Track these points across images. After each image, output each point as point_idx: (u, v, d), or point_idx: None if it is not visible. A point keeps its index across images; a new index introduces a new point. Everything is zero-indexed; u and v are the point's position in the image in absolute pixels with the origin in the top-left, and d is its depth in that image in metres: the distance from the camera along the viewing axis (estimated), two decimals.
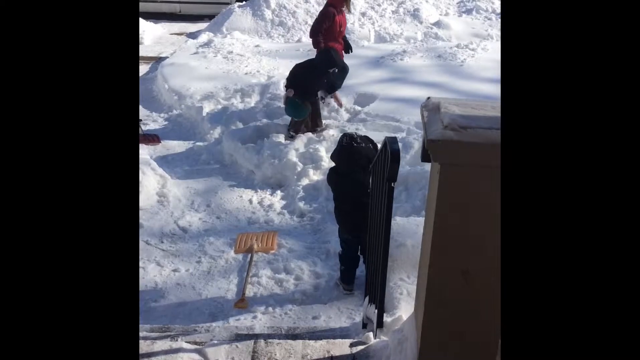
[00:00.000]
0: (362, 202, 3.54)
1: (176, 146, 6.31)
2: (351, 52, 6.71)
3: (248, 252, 4.30)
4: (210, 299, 3.85)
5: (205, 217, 4.91)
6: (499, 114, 1.92)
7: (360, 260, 3.88)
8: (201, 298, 3.86)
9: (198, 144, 6.29)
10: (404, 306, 2.88)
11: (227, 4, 11.44)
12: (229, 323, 3.60)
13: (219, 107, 6.88)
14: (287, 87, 5.84)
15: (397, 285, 3.03)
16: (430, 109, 2.00)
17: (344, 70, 5.82)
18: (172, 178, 5.48)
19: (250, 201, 5.17)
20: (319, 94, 5.95)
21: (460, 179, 1.85)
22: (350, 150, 3.64)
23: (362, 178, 3.63)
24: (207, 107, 6.85)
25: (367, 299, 3.03)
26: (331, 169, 3.87)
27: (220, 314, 3.70)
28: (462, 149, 1.78)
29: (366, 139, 3.76)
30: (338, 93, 6.27)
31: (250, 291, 3.91)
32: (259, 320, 3.62)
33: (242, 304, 3.77)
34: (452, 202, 1.87)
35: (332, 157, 3.84)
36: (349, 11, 6.55)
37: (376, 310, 2.65)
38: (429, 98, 2.07)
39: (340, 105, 6.53)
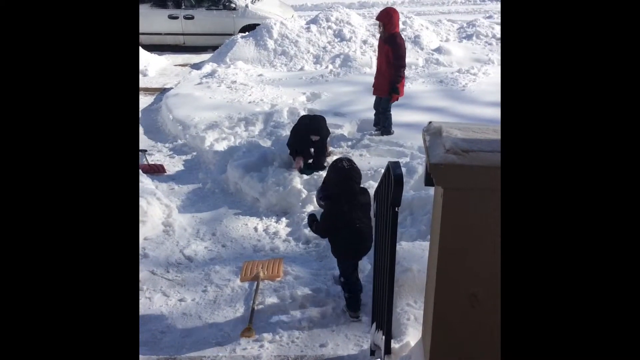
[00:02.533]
0: (357, 227, 3.63)
1: (181, 176, 6.35)
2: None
3: (254, 280, 4.29)
4: (217, 328, 3.83)
5: (210, 245, 4.91)
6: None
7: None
8: (208, 327, 3.83)
9: (203, 173, 6.32)
10: (412, 332, 2.85)
11: (231, 34, 11.63)
12: (235, 352, 3.57)
13: (223, 136, 6.94)
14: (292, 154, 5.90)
15: (404, 311, 3.01)
16: (432, 133, 2.01)
17: None
18: (178, 207, 5.49)
19: (256, 229, 5.17)
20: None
21: (463, 202, 1.85)
22: (348, 173, 3.67)
23: (356, 203, 3.69)
24: (212, 137, 6.90)
25: (374, 325, 3.00)
26: (324, 197, 3.84)
27: (227, 343, 3.67)
28: (465, 172, 1.79)
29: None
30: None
31: (256, 320, 3.88)
32: (265, 349, 3.59)
33: (249, 332, 3.74)
34: (456, 226, 1.88)
35: (329, 184, 3.82)
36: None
37: (383, 337, 2.62)
38: (430, 122, 2.09)
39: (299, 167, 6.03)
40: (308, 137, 5.80)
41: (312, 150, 5.88)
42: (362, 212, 3.76)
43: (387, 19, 6.20)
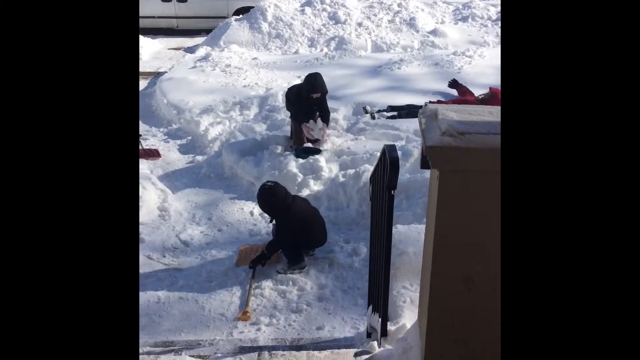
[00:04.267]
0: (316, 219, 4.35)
1: (176, 160, 6.32)
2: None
3: (256, 255, 4.31)
4: (214, 312, 3.84)
5: (206, 230, 4.91)
6: (497, 119, 1.92)
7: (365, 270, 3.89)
8: (204, 312, 3.84)
9: (198, 157, 6.30)
10: (408, 314, 2.86)
11: (224, 17, 11.51)
12: (232, 336, 3.59)
13: (218, 120, 6.90)
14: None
15: (400, 294, 3.02)
16: (428, 115, 2.00)
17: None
18: (173, 192, 5.48)
19: (252, 213, 5.17)
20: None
21: (460, 184, 1.85)
22: (270, 191, 4.19)
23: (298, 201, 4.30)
24: (206, 121, 6.87)
25: (370, 308, 3.01)
26: (280, 217, 4.24)
27: (224, 326, 3.69)
28: (461, 154, 1.78)
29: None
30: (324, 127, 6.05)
31: (253, 303, 3.90)
32: (262, 332, 3.60)
33: (246, 316, 3.75)
34: (452, 208, 1.87)
35: (276, 206, 4.22)
36: None
37: (380, 319, 2.64)
38: (426, 105, 2.08)
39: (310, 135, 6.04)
40: (309, 99, 5.77)
41: (317, 112, 5.85)
42: (306, 204, 4.38)
43: None
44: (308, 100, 5.77)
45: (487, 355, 1.98)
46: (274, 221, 4.36)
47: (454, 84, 7.01)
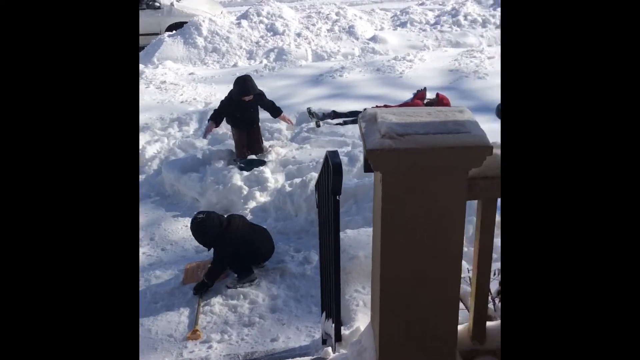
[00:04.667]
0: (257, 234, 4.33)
1: None
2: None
3: (198, 282, 4.19)
4: (162, 334, 3.72)
5: (149, 250, 4.76)
6: (435, 119, 1.95)
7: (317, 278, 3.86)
8: (151, 334, 3.71)
9: None
10: (361, 317, 2.86)
11: (157, 34, 11.27)
12: (182, 356, 3.48)
13: (156, 138, 6.73)
14: (211, 119, 5.94)
15: (353, 297, 3.02)
16: (368, 119, 2.01)
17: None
18: None
19: None
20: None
21: (402, 185, 1.86)
22: (202, 225, 4.14)
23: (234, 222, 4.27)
24: (143, 139, 6.67)
25: (324, 314, 2.99)
26: (221, 245, 4.17)
27: (173, 348, 3.58)
28: (401, 155, 1.79)
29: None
30: (284, 114, 6.24)
31: (203, 321, 3.80)
32: (214, 350, 3.52)
33: (195, 335, 3.65)
34: (396, 208, 1.88)
35: (210, 235, 4.16)
36: None
37: (333, 325, 2.62)
38: (365, 109, 2.09)
39: (290, 123, 6.45)
40: (242, 103, 5.71)
41: (249, 118, 5.83)
42: (243, 222, 4.36)
43: None
44: (242, 105, 5.71)
45: (442, 348, 1.99)
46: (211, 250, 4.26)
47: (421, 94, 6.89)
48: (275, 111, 6.03)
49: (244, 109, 5.75)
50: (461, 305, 2.12)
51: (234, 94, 5.77)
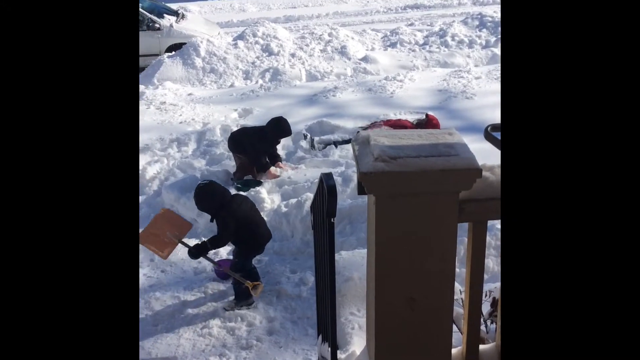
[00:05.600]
0: (257, 220, 4.28)
1: None
2: None
3: (175, 245, 4.17)
4: (161, 357, 3.70)
5: (149, 272, 4.76)
6: (426, 142, 1.99)
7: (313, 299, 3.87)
8: (151, 357, 3.70)
9: None
10: (357, 340, 2.85)
11: (157, 55, 11.39)
12: None
13: (155, 158, 6.78)
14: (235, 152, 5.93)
15: (348, 320, 3.02)
16: (361, 142, 2.04)
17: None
18: None
19: None
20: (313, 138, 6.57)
21: (395, 207, 1.89)
22: (208, 188, 4.17)
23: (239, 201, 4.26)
24: (143, 160, 6.72)
25: (320, 337, 2.99)
26: (225, 214, 4.11)
27: None
28: (394, 178, 1.83)
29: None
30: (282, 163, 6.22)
31: (201, 344, 3.79)
32: None
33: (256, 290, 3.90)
34: (390, 231, 1.91)
35: (216, 201, 4.15)
36: None
37: (330, 349, 2.62)
38: (358, 132, 2.13)
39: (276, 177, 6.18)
40: (275, 142, 5.88)
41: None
42: (245, 200, 4.33)
43: None
44: (272, 144, 5.84)
45: None
46: (214, 220, 4.22)
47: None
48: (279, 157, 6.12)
49: (270, 147, 5.87)
50: (455, 327, 2.14)
51: (270, 133, 5.80)
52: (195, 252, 4.02)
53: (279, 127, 5.80)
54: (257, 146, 5.79)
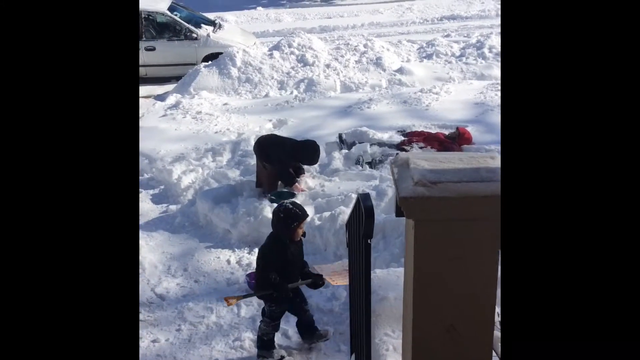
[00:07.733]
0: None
1: (149, 211, 6.23)
2: None
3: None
4: None
5: (183, 282, 4.81)
6: (468, 166, 1.96)
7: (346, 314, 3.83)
8: None
9: (171, 206, 6.22)
10: None
11: (193, 64, 11.57)
12: None
13: (191, 167, 6.86)
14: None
15: (383, 341, 2.98)
16: (400, 165, 2.02)
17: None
18: (147, 244, 5.38)
19: (228, 261, 5.10)
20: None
21: (435, 233, 1.86)
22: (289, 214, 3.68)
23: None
24: (179, 169, 6.82)
25: (353, 356, 2.97)
26: (274, 239, 3.74)
27: None
28: (434, 204, 1.80)
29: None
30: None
31: (233, 356, 3.80)
32: None
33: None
34: (429, 257, 1.88)
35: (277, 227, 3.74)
36: None
37: None
38: (397, 154, 2.11)
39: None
40: (302, 164, 5.89)
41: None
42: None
43: None
44: (297, 161, 5.86)
45: None
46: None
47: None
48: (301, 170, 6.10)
49: (295, 161, 5.91)
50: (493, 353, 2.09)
51: (299, 154, 5.82)
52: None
53: (311, 153, 5.80)
54: (282, 157, 5.79)
